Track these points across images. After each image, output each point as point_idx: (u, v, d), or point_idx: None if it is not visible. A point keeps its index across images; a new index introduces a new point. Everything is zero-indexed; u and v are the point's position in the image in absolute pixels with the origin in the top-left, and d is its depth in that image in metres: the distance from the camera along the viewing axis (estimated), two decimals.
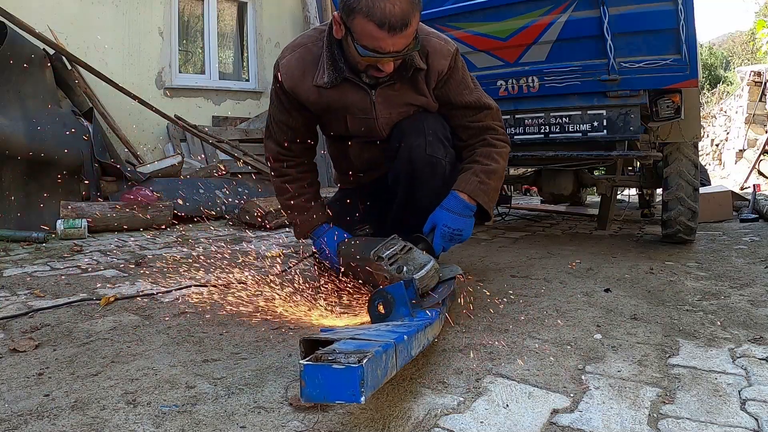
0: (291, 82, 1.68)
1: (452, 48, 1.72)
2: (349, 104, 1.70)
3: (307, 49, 1.67)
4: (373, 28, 1.42)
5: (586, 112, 2.55)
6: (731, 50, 21.04)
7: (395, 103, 1.71)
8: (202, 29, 5.71)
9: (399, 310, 1.31)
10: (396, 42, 1.45)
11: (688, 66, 2.29)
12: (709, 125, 11.06)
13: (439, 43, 1.70)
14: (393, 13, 1.40)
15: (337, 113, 1.74)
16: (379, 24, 1.41)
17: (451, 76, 1.72)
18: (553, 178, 3.31)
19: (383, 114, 1.72)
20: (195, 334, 1.42)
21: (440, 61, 1.68)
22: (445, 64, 1.69)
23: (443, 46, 1.70)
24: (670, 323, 1.54)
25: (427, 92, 1.73)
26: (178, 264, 2.38)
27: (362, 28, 1.44)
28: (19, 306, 1.66)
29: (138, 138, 4.96)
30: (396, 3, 1.40)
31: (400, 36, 1.43)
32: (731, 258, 2.58)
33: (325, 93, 1.67)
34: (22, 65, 3.55)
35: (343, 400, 0.82)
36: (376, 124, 1.74)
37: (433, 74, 1.69)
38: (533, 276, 2.15)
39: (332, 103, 1.70)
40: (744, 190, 6.44)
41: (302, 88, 1.68)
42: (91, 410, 0.99)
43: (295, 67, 1.67)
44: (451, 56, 1.70)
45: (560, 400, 1.05)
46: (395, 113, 1.73)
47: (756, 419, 0.98)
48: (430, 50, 1.67)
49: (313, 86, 1.66)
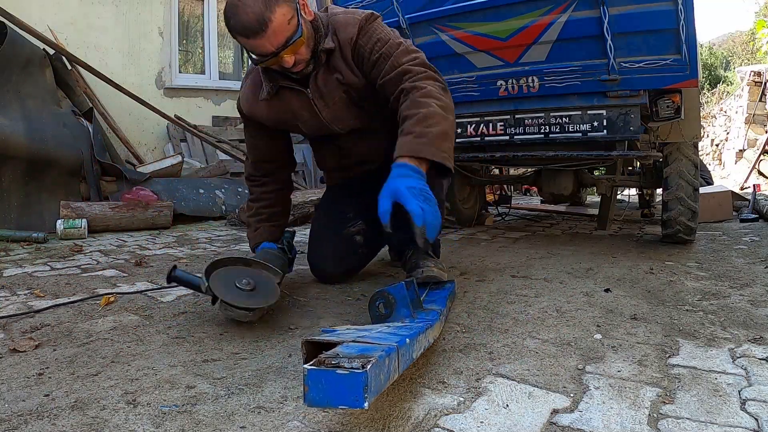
0: (246, 104, 1.80)
1: (360, 15, 1.65)
2: (295, 110, 1.75)
3: (256, 72, 1.76)
4: (241, 39, 1.49)
5: (586, 112, 2.55)
6: (731, 50, 21.03)
7: (327, 91, 1.72)
8: (202, 29, 5.71)
9: (400, 311, 1.31)
10: (269, 40, 1.46)
11: (688, 66, 2.29)
12: (709, 125, 11.06)
13: (345, 16, 1.66)
14: (247, 20, 1.43)
15: (289, 122, 1.81)
16: (241, 35, 1.47)
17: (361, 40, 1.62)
18: (553, 178, 3.31)
19: (323, 107, 1.74)
20: (195, 334, 1.42)
21: (348, 30, 1.63)
22: (353, 31, 1.62)
23: (349, 17, 1.65)
24: (670, 323, 1.54)
25: (344, 67, 1.67)
26: (178, 263, 2.38)
27: (242, 43, 1.52)
28: (19, 306, 1.66)
29: (138, 138, 4.96)
30: (248, 9, 1.42)
31: (265, 35, 1.45)
32: (731, 258, 2.58)
33: (272, 105, 1.75)
34: (22, 65, 3.55)
35: (346, 406, 0.82)
36: (324, 121, 1.77)
37: (345, 47, 1.64)
38: (533, 276, 2.15)
39: (281, 114, 1.77)
40: (744, 190, 6.44)
41: (255, 107, 1.78)
42: (91, 410, 0.99)
43: (248, 91, 1.79)
44: (359, 22, 1.62)
45: (560, 400, 1.05)
46: (331, 102, 1.74)
47: (756, 419, 0.98)
48: (336, 27, 1.64)
49: (262, 102, 1.75)
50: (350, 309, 1.68)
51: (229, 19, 1.47)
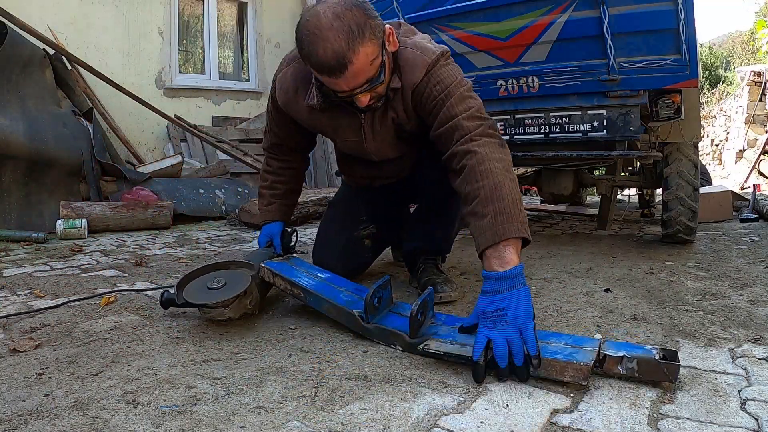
0: (284, 98, 1.64)
1: (429, 57, 1.47)
2: (340, 127, 1.65)
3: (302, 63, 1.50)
4: (318, 75, 1.37)
5: (586, 112, 2.55)
6: (731, 50, 21.05)
7: (380, 125, 1.62)
8: (202, 29, 5.71)
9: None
10: (346, 82, 1.33)
11: (688, 66, 2.29)
12: (709, 125, 11.06)
13: (413, 53, 1.48)
14: (326, 58, 1.28)
15: (327, 133, 1.73)
16: (319, 70, 1.33)
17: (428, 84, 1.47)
18: (553, 178, 3.31)
19: (370, 137, 1.64)
20: (195, 334, 1.42)
21: (414, 73, 1.47)
22: (418, 75, 1.47)
23: (418, 56, 1.48)
24: (670, 323, 1.54)
25: (401, 109, 1.56)
26: (178, 263, 2.38)
27: (315, 73, 1.39)
28: (19, 306, 1.66)
29: (138, 138, 4.97)
30: (328, 44, 1.26)
31: (344, 76, 1.31)
32: (731, 258, 2.58)
33: (317, 114, 1.60)
34: (22, 65, 3.55)
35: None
36: (365, 147, 1.68)
37: (407, 90, 1.50)
38: (533, 276, 2.15)
39: (322, 124, 1.66)
40: (744, 190, 6.44)
41: (294, 106, 1.63)
42: (91, 410, 0.99)
43: (290, 84, 1.61)
44: (428, 65, 1.46)
45: (560, 400, 1.05)
46: (380, 137, 1.65)
47: (756, 419, 0.98)
48: (403, 65, 1.48)
49: (305, 106, 1.59)
50: None
51: (303, 46, 1.31)
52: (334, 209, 2.13)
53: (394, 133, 1.65)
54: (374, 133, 1.63)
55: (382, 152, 1.73)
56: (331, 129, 1.68)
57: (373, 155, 1.74)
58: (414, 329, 1.27)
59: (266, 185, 1.94)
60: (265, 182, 1.94)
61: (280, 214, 1.93)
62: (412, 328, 1.27)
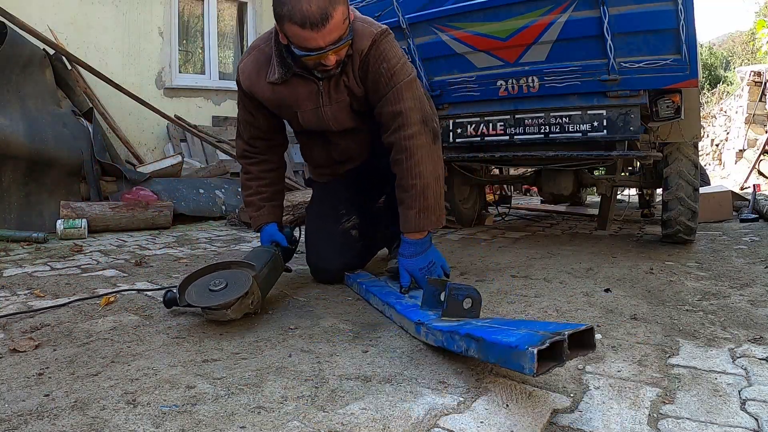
0: (248, 82, 1.80)
1: (375, 29, 1.68)
2: (299, 98, 1.77)
3: (261, 50, 1.77)
4: (298, 29, 1.50)
5: (586, 112, 2.55)
6: (731, 50, 21.04)
7: (334, 91, 1.76)
8: (202, 29, 5.71)
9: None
10: (323, 36, 1.50)
11: (688, 66, 2.29)
12: (709, 125, 11.06)
13: (362, 25, 1.68)
14: (310, 11, 1.46)
15: (289, 109, 1.82)
16: (300, 24, 1.48)
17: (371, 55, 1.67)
18: (553, 178, 3.31)
19: (327, 103, 1.77)
20: (195, 334, 1.42)
21: (362, 42, 1.66)
22: (366, 44, 1.66)
23: (366, 27, 1.68)
24: (670, 323, 1.54)
25: (351, 75, 1.73)
26: (178, 263, 2.38)
27: (291, 32, 1.53)
28: (19, 306, 1.66)
29: (138, 138, 4.96)
30: (312, 1, 1.46)
31: (323, 30, 1.49)
32: (731, 258, 2.58)
33: (278, 89, 1.75)
34: (22, 65, 3.55)
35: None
36: (323, 116, 1.80)
37: (355, 57, 1.68)
38: (533, 276, 2.15)
39: (284, 99, 1.78)
40: (744, 190, 6.44)
41: (258, 86, 1.78)
42: (91, 410, 0.99)
43: (251, 68, 1.78)
44: (373, 35, 1.66)
45: (560, 400, 1.05)
46: (335, 102, 1.78)
47: (756, 419, 0.98)
48: (354, 35, 1.66)
49: (267, 84, 1.75)
50: (350, 309, 1.68)
51: (285, 5, 1.48)
52: (312, 211, 2.17)
53: (347, 99, 1.78)
54: (330, 98, 1.77)
55: (339, 119, 1.83)
56: (293, 102, 1.78)
57: (331, 123, 1.83)
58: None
59: (251, 192, 1.97)
60: (249, 190, 1.98)
61: (273, 216, 1.98)
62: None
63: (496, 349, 1.03)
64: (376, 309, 1.67)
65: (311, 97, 1.77)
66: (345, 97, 1.77)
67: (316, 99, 1.77)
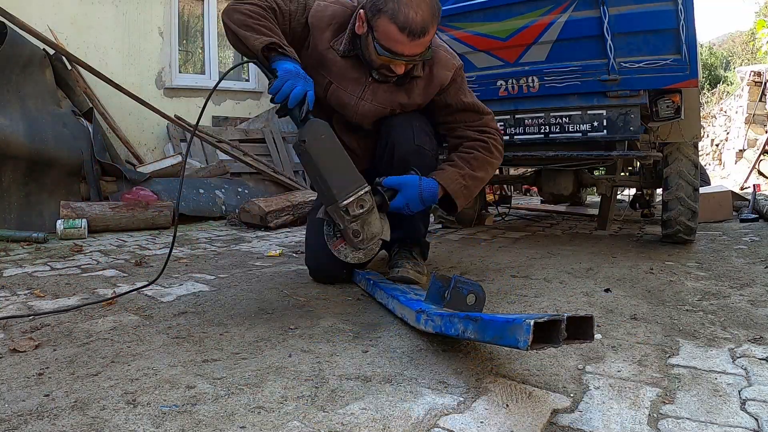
0: (316, 21, 1.73)
1: (457, 62, 1.82)
2: (344, 77, 1.76)
3: (345, 12, 1.74)
4: (395, 30, 1.52)
5: (586, 112, 2.55)
6: (731, 50, 21.03)
7: (382, 96, 1.79)
8: (202, 29, 5.71)
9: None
10: (412, 47, 1.56)
11: (688, 66, 2.29)
12: (709, 125, 11.06)
13: (445, 55, 1.80)
14: (414, 21, 1.51)
15: (325, 76, 1.77)
16: (400, 27, 1.52)
17: (451, 86, 1.82)
18: (553, 178, 3.31)
19: (367, 99, 1.78)
20: (195, 334, 1.42)
21: (444, 72, 1.78)
22: (448, 76, 1.79)
23: (449, 59, 1.80)
24: (670, 323, 1.54)
25: (419, 99, 1.81)
26: (178, 263, 2.38)
27: (384, 29, 1.54)
28: (19, 306, 1.66)
29: (138, 138, 4.96)
30: (419, 11, 1.51)
31: (417, 42, 1.54)
32: (731, 258, 2.58)
33: (333, 55, 1.74)
34: (22, 65, 3.55)
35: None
36: (354, 105, 1.80)
37: (435, 84, 1.79)
38: (533, 276, 2.15)
39: (330, 66, 1.76)
40: (744, 190, 6.44)
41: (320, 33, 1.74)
42: (91, 410, 0.99)
43: (328, 16, 1.73)
44: (455, 69, 1.80)
45: (560, 400, 1.05)
46: (377, 105, 1.80)
47: (756, 419, 0.98)
48: (435, 61, 1.76)
49: (327, 42, 1.74)
50: (350, 309, 1.68)
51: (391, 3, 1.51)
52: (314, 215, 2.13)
53: (388, 109, 1.81)
54: (374, 97, 1.79)
55: (367, 118, 1.83)
56: (336, 74, 1.77)
57: (356, 116, 1.83)
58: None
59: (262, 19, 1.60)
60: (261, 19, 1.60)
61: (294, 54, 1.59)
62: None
63: (493, 326, 1.03)
64: (380, 303, 1.67)
65: (355, 84, 1.78)
66: (389, 107, 1.81)
67: (358, 89, 1.78)
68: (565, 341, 0.93)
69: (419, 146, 1.82)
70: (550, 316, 0.92)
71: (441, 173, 1.76)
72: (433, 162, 1.87)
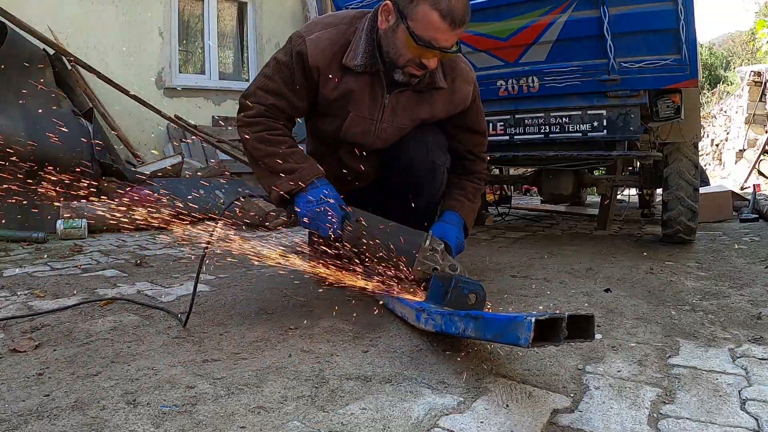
0: (319, 57, 1.61)
1: (473, 74, 1.80)
2: (360, 99, 1.66)
3: (340, 30, 1.64)
4: (437, 17, 1.47)
5: (586, 112, 2.55)
6: (731, 50, 21.02)
7: (402, 115, 1.71)
8: (202, 29, 5.71)
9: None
10: (451, 37, 1.51)
11: (688, 66, 2.29)
12: (709, 125, 11.06)
13: (465, 68, 1.76)
14: (457, 8, 1.47)
15: (343, 108, 1.68)
16: (443, 15, 1.46)
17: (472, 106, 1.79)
18: (553, 178, 3.31)
19: (387, 121, 1.71)
20: (195, 334, 1.42)
21: (465, 87, 1.74)
22: (470, 91, 1.75)
23: (468, 73, 1.76)
24: (670, 323, 1.54)
25: (442, 114, 1.76)
26: (178, 263, 2.38)
27: (424, 16, 1.48)
28: (19, 306, 1.66)
29: (138, 138, 4.96)
30: (461, 2, 1.48)
31: (456, 32, 1.50)
32: (731, 258, 2.58)
33: (348, 78, 1.63)
34: (22, 65, 3.55)
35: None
36: (375, 130, 1.72)
37: (457, 100, 1.74)
38: (533, 276, 2.15)
39: (347, 92, 1.65)
40: (744, 190, 6.43)
41: (329, 65, 1.62)
42: (91, 410, 0.99)
43: (327, 44, 1.62)
44: (473, 83, 1.77)
45: (560, 400, 1.05)
46: (398, 123, 1.73)
47: (756, 419, 0.98)
48: (457, 73, 1.72)
49: (340, 66, 1.62)
50: (350, 309, 1.68)
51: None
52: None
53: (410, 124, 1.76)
54: (394, 118, 1.72)
55: (389, 140, 1.77)
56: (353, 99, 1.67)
57: (377, 141, 1.76)
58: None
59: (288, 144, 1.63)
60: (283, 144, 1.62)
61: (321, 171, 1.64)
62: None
63: (494, 324, 1.04)
64: (381, 302, 1.67)
65: (371, 106, 1.67)
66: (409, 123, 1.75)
67: (374, 111, 1.68)
68: (566, 340, 0.93)
69: (433, 162, 1.77)
70: (552, 314, 0.92)
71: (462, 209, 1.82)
72: (444, 176, 1.81)
